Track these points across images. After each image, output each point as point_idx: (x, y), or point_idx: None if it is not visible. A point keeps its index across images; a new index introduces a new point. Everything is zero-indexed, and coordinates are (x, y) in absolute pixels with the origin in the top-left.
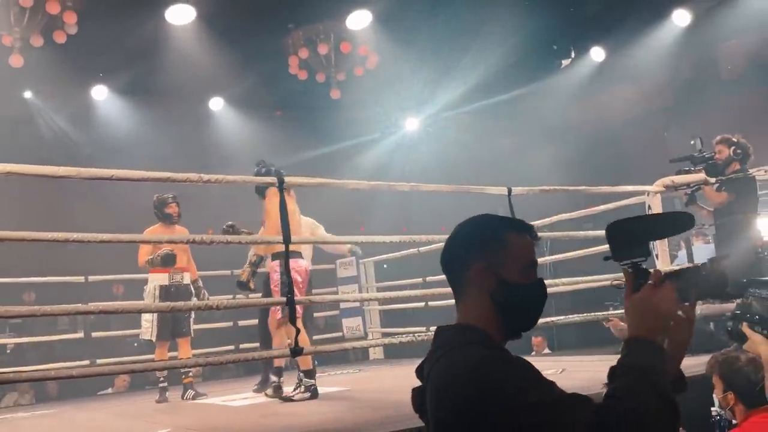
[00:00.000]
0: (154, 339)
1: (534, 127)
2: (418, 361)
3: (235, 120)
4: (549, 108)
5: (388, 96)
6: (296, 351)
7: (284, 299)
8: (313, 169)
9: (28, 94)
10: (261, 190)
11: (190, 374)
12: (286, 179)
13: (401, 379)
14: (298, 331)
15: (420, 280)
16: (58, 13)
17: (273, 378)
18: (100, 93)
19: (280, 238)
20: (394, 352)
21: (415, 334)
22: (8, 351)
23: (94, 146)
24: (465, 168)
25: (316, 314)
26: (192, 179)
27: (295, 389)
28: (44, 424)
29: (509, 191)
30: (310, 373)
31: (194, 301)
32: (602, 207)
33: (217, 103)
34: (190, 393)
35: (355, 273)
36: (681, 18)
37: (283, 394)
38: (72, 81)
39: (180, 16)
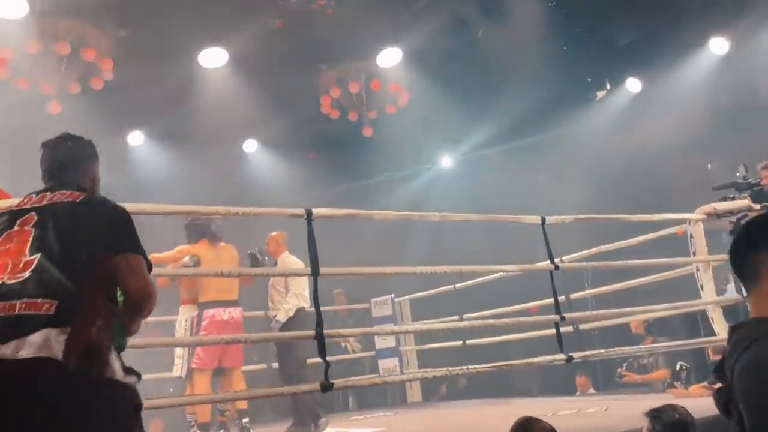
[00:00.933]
0: (183, 376)
1: (570, 161)
2: (457, 405)
3: (269, 161)
4: (585, 141)
5: (420, 133)
6: (327, 386)
7: (312, 333)
8: (345, 205)
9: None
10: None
11: (227, 413)
12: (315, 211)
13: (437, 421)
14: (327, 365)
15: (456, 317)
16: (94, 59)
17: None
18: (136, 138)
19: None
20: (432, 395)
21: (450, 369)
22: None
23: (130, 190)
24: (499, 204)
25: (354, 356)
26: (219, 212)
27: None
28: None
29: (543, 220)
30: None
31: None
32: (641, 238)
33: (251, 145)
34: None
35: (390, 312)
36: (718, 46)
37: None
38: (109, 127)
39: (213, 59)
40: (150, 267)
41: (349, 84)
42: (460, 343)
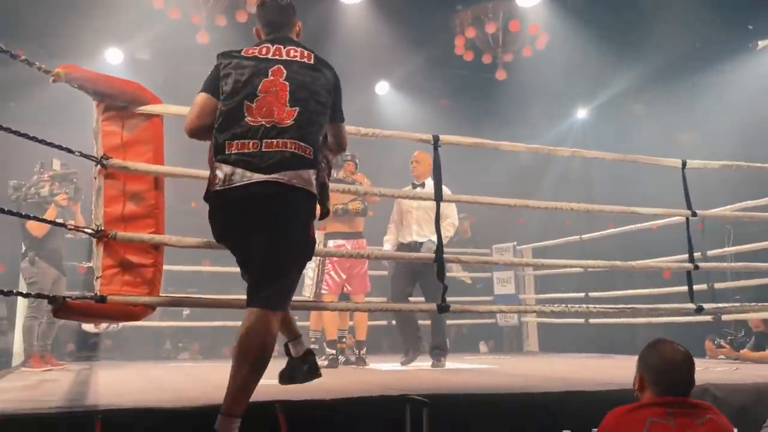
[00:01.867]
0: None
1: (719, 116)
2: (573, 356)
3: (400, 105)
4: (738, 96)
5: (557, 80)
6: (443, 308)
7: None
8: (474, 157)
9: None
10: None
11: (344, 340)
12: (442, 137)
13: (547, 366)
14: (445, 287)
15: (581, 270)
16: None
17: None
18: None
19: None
20: (549, 346)
21: (568, 305)
22: None
23: None
24: None
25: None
26: (350, 132)
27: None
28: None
29: (683, 164)
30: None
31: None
32: None
33: (382, 88)
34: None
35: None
36: None
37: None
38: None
39: None
40: None
41: (486, 24)
42: (583, 321)
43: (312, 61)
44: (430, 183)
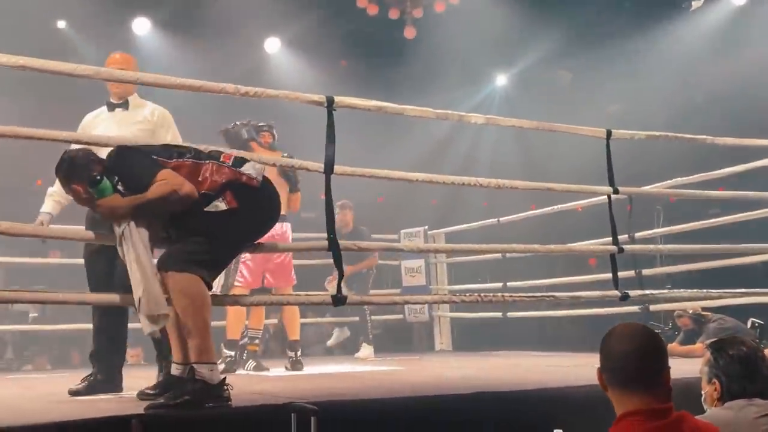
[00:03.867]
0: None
1: (650, 89)
2: (488, 354)
3: (293, 65)
4: (670, 62)
5: (473, 43)
6: (339, 299)
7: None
8: (384, 126)
9: (61, 24)
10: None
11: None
12: (337, 99)
13: (454, 366)
14: (341, 275)
15: (499, 256)
16: None
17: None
18: (141, 26)
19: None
20: (464, 343)
21: (481, 294)
22: None
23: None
24: None
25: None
26: (228, 90)
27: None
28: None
29: (608, 134)
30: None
31: None
32: (728, 170)
33: (273, 45)
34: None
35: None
36: None
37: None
38: (111, 11)
39: None
40: None
41: None
42: (500, 314)
43: None
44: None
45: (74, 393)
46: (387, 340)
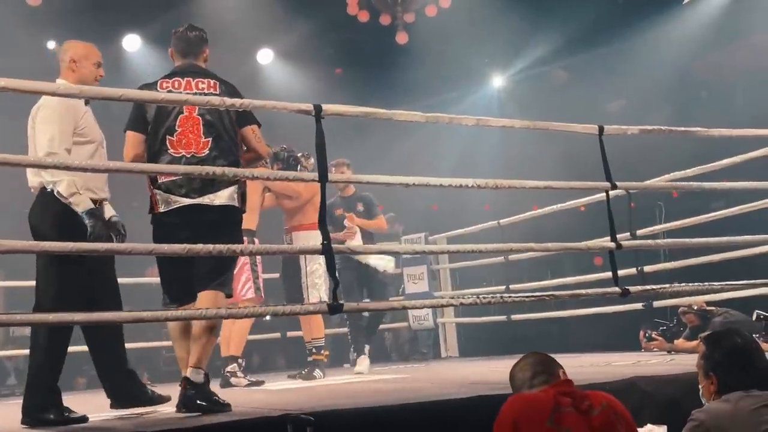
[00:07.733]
0: None
1: (645, 81)
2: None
3: (288, 75)
4: (666, 60)
5: (467, 45)
6: (335, 307)
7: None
8: (379, 133)
9: (51, 44)
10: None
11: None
12: (325, 107)
13: (460, 372)
14: (336, 283)
15: (503, 260)
16: None
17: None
18: (132, 43)
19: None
20: (471, 349)
21: (480, 296)
22: None
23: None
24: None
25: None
26: (213, 102)
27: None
28: None
29: (600, 130)
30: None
31: None
32: (725, 161)
33: (266, 56)
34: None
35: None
36: None
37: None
38: (101, 30)
39: None
40: None
41: None
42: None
43: (217, 91)
44: None
45: None
46: (393, 349)
